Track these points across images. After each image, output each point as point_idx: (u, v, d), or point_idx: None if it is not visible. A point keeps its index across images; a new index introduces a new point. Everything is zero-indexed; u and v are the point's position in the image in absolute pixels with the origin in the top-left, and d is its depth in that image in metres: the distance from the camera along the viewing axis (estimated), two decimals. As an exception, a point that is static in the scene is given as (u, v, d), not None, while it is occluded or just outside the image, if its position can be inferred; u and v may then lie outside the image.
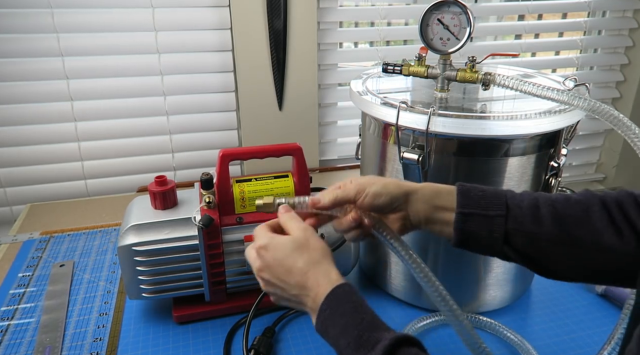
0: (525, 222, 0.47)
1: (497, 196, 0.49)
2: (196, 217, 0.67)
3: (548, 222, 0.47)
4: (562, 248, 0.47)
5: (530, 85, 0.63)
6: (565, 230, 0.46)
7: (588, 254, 0.46)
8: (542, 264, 0.49)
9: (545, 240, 0.47)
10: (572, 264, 0.48)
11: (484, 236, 0.49)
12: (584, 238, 0.46)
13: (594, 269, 0.47)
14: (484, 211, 0.48)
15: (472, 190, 0.50)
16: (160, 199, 0.71)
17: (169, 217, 0.69)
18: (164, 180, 0.71)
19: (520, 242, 0.48)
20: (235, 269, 0.72)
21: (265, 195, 0.57)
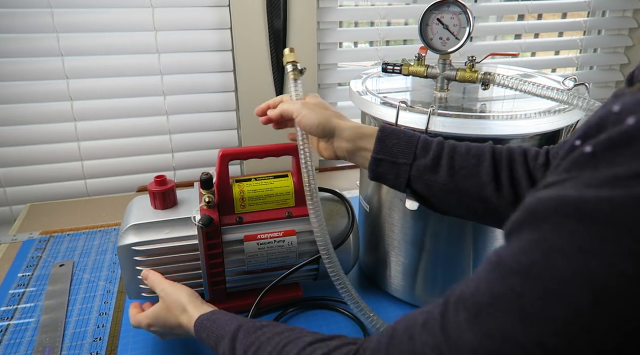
0: (426, 171, 0.56)
1: (410, 144, 0.57)
2: (196, 217, 0.67)
3: (444, 172, 0.55)
4: (452, 195, 0.55)
5: (530, 85, 0.63)
6: (455, 181, 0.55)
7: (472, 202, 0.55)
8: (435, 206, 0.58)
9: (438, 188, 0.56)
10: (459, 208, 0.57)
11: (392, 179, 0.58)
12: (469, 189, 0.54)
13: (477, 214, 0.56)
14: (394, 159, 0.57)
15: (389, 138, 0.58)
16: (160, 199, 0.70)
17: (168, 217, 0.69)
18: (164, 180, 0.70)
19: (420, 187, 0.57)
20: (235, 269, 0.71)
21: (288, 52, 0.67)
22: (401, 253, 0.76)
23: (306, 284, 0.82)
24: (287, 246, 0.71)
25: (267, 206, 0.70)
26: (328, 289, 0.81)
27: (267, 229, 0.70)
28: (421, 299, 0.77)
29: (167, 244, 0.67)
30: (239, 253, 0.70)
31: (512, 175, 0.53)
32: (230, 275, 0.71)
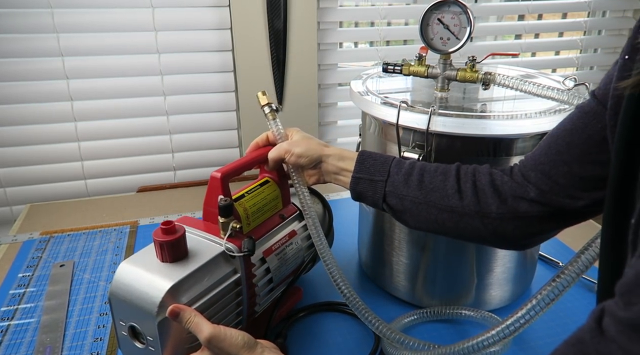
0: (398, 185, 0.61)
1: (384, 164, 0.62)
2: (230, 248, 0.59)
3: (414, 186, 0.60)
4: (421, 207, 0.60)
5: (530, 85, 0.63)
6: (423, 194, 0.59)
7: (439, 214, 0.59)
8: (408, 220, 0.62)
9: (409, 201, 0.60)
10: (428, 220, 0.60)
11: (370, 195, 0.63)
12: (437, 201, 0.59)
13: (444, 225, 0.59)
14: (371, 176, 0.62)
15: (367, 160, 0.63)
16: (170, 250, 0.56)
17: (191, 265, 0.56)
18: (173, 227, 0.56)
19: (394, 202, 0.61)
20: (265, 289, 0.66)
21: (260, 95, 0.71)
22: (401, 252, 0.76)
23: (307, 285, 0.82)
24: (295, 247, 0.71)
25: (264, 216, 0.69)
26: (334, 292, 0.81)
27: (274, 238, 0.68)
28: (421, 298, 0.77)
29: (213, 291, 0.57)
30: (263, 271, 0.65)
31: (474, 185, 0.58)
32: (260, 297, 0.66)
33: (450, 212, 0.58)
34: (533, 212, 0.54)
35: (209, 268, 0.57)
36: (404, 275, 0.78)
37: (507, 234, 0.57)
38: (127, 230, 1.01)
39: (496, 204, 0.56)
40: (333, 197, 1.15)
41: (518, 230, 0.56)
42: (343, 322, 0.75)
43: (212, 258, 0.58)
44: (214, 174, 0.62)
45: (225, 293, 0.58)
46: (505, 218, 0.56)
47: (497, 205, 0.56)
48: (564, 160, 0.51)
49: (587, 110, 0.50)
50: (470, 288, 0.75)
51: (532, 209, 0.54)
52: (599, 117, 0.48)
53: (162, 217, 1.06)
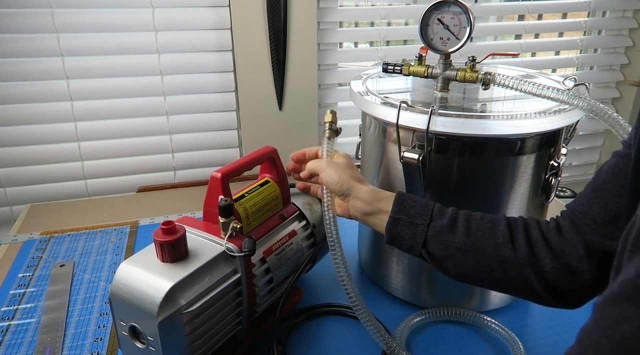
0: (442, 231, 0.57)
1: (426, 207, 0.59)
2: (231, 248, 0.59)
3: (461, 233, 0.57)
4: (468, 255, 0.56)
5: (529, 85, 0.63)
6: (472, 241, 0.56)
7: (489, 263, 0.56)
8: (450, 268, 0.58)
9: (455, 247, 0.57)
10: (475, 269, 0.57)
11: (408, 238, 0.59)
12: (487, 249, 0.56)
13: (493, 275, 0.56)
14: (411, 219, 0.59)
15: (406, 200, 0.60)
16: (170, 250, 0.56)
17: (191, 265, 0.56)
18: (174, 227, 0.56)
19: (436, 248, 0.57)
20: (265, 289, 0.66)
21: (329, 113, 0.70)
22: (402, 253, 0.76)
23: (308, 285, 0.82)
24: (295, 247, 0.71)
25: (264, 216, 0.70)
26: (332, 293, 0.81)
27: (275, 238, 0.69)
28: (422, 298, 0.78)
29: (213, 292, 0.57)
30: (263, 271, 0.66)
31: (527, 237, 0.55)
32: (260, 297, 0.66)
33: (501, 262, 0.55)
34: (583, 266, 0.53)
35: (209, 268, 0.57)
36: (404, 275, 0.78)
37: (560, 289, 0.55)
38: (127, 230, 1.01)
39: (549, 258, 0.54)
40: (333, 197, 1.15)
41: (572, 286, 0.54)
42: (345, 326, 0.75)
43: (213, 258, 0.57)
44: (214, 174, 0.62)
45: (225, 293, 0.58)
46: (558, 272, 0.54)
47: (550, 258, 0.54)
48: (600, 196, 0.52)
49: (619, 152, 0.51)
50: (470, 288, 0.75)
51: (582, 263, 0.53)
52: (628, 154, 0.49)
53: (162, 217, 1.06)
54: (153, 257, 0.57)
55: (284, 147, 1.27)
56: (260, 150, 0.70)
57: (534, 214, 0.73)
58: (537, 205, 0.72)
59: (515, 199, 0.69)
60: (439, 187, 0.68)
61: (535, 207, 0.72)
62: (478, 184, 0.67)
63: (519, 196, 0.69)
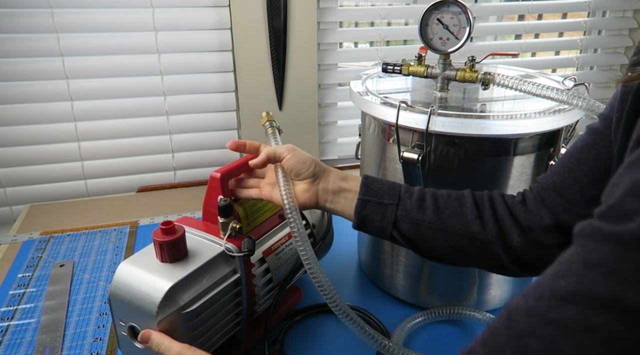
0: (412, 210, 0.57)
1: (393, 188, 0.59)
2: (230, 248, 0.59)
3: (430, 211, 0.57)
4: (438, 234, 0.56)
5: (529, 85, 0.63)
6: (441, 219, 0.56)
7: (459, 240, 0.56)
8: (421, 247, 0.59)
9: (425, 226, 0.57)
10: (446, 247, 0.57)
11: (378, 219, 0.58)
12: (456, 226, 0.56)
13: (463, 252, 0.57)
14: (380, 199, 0.58)
15: (373, 183, 0.59)
16: (170, 250, 0.56)
17: (191, 264, 0.56)
18: (173, 227, 0.56)
19: (406, 228, 0.57)
20: (264, 290, 0.66)
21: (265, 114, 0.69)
22: (401, 252, 0.76)
23: (307, 285, 0.82)
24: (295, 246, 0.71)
25: (264, 216, 0.69)
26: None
27: (274, 238, 0.69)
28: (422, 298, 0.77)
29: (212, 292, 0.56)
30: (263, 271, 0.65)
31: (494, 212, 0.56)
32: (260, 297, 0.66)
33: (471, 239, 0.56)
34: (551, 240, 0.53)
35: (209, 268, 0.57)
36: (403, 275, 0.78)
37: (529, 263, 0.55)
38: (127, 230, 1.01)
39: (517, 233, 0.54)
40: (333, 197, 1.15)
41: (539, 260, 0.54)
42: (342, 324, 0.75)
43: (212, 258, 0.57)
44: (214, 174, 0.62)
45: (224, 293, 0.58)
46: (526, 247, 0.54)
47: (517, 234, 0.54)
48: (575, 177, 0.51)
49: (595, 128, 0.51)
50: (469, 288, 0.75)
51: (550, 237, 0.53)
52: (606, 133, 0.48)
53: (162, 217, 1.06)
54: (152, 257, 0.56)
55: (283, 147, 1.28)
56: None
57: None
58: (536, 205, 0.72)
59: (515, 199, 0.69)
60: (438, 187, 0.68)
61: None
62: (478, 184, 0.67)
63: (518, 196, 0.69)
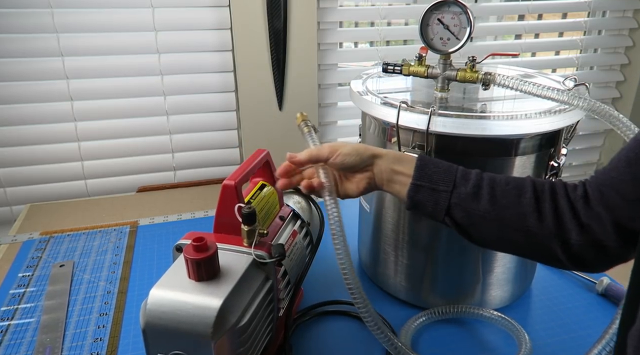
0: (466, 199, 0.55)
1: (449, 173, 0.57)
2: (262, 255, 0.58)
3: (485, 201, 0.54)
4: (492, 224, 0.54)
5: (530, 85, 0.63)
6: (496, 210, 0.54)
7: (513, 233, 0.54)
8: (473, 236, 0.57)
9: (479, 216, 0.55)
10: (499, 238, 0.55)
11: (430, 206, 0.57)
12: (511, 218, 0.54)
13: (517, 245, 0.55)
14: (433, 185, 0.56)
15: (428, 165, 0.57)
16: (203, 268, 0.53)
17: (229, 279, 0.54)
18: (205, 244, 0.53)
19: (459, 215, 0.56)
20: (284, 292, 0.65)
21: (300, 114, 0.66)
22: (401, 253, 0.76)
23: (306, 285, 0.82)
24: (300, 245, 0.71)
25: (269, 220, 0.69)
26: (331, 291, 0.81)
27: (281, 240, 0.68)
28: (422, 298, 0.77)
29: (255, 302, 0.55)
30: (282, 274, 0.65)
31: (554, 206, 0.53)
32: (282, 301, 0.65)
33: (526, 233, 0.53)
34: (611, 241, 0.50)
35: (247, 279, 0.56)
36: (403, 275, 0.78)
37: (586, 260, 0.53)
38: (127, 230, 1.01)
39: (576, 231, 0.51)
40: (333, 197, 1.15)
41: (597, 259, 0.52)
42: (348, 325, 0.75)
43: (247, 269, 0.56)
44: (227, 182, 0.60)
45: (263, 302, 0.57)
46: (584, 246, 0.52)
47: (576, 231, 0.51)
48: (633, 172, 0.47)
49: None
50: (470, 288, 0.75)
51: (610, 237, 0.50)
52: None
53: (162, 217, 1.06)
54: (184, 277, 0.54)
55: (283, 147, 1.27)
56: (256, 153, 0.69)
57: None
58: (537, 206, 0.72)
59: (515, 199, 0.69)
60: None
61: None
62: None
63: (519, 196, 0.69)
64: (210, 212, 1.08)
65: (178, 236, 0.61)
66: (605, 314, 0.76)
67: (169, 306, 0.51)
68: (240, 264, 0.56)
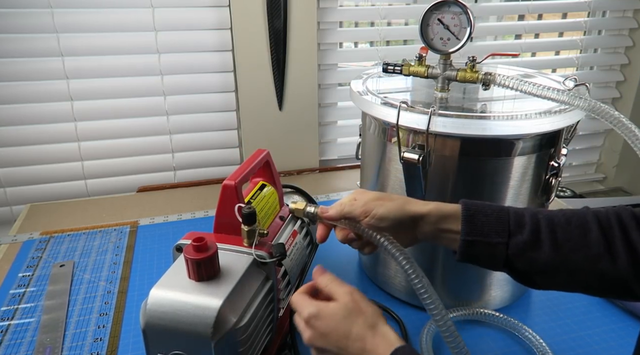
0: (525, 248, 0.50)
1: (501, 220, 0.51)
2: (262, 255, 0.57)
3: (547, 247, 0.49)
4: (559, 271, 0.49)
5: (530, 85, 0.63)
6: (561, 256, 0.49)
7: (585, 277, 0.49)
8: (540, 283, 0.52)
9: (543, 263, 0.49)
10: (571, 283, 0.51)
11: (485, 259, 0.51)
12: (580, 263, 0.48)
13: (592, 287, 0.50)
14: (487, 238, 0.50)
15: (476, 216, 0.51)
16: (204, 267, 0.53)
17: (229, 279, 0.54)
18: (205, 243, 0.53)
19: (521, 266, 0.50)
20: (284, 293, 0.65)
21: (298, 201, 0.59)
22: (401, 253, 0.76)
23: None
24: (300, 245, 0.71)
25: (269, 220, 0.69)
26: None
27: (281, 240, 0.67)
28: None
29: (255, 302, 0.55)
30: (282, 274, 0.64)
31: (627, 241, 0.47)
32: (282, 301, 0.65)
33: (599, 275, 0.48)
34: None
35: (247, 279, 0.56)
36: (403, 275, 0.77)
37: None
38: (127, 230, 1.01)
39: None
40: (333, 197, 1.15)
41: None
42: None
43: (247, 269, 0.56)
44: (227, 182, 0.60)
45: (263, 302, 0.57)
46: None
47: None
48: None
49: None
50: (469, 288, 0.75)
51: None
52: None
53: (162, 217, 1.06)
54: (184, 278, 0.54)
55: (284, 147, 1.28)
56: (256, 153, 0.69)
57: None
58: (537, 206, 0.72)
59: (515, 199, 0.69)
60: (438, 187, 0.68)
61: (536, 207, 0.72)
62: (478, 184, 0.67)
63: (519, 197, 0.69)
64: (211, 212, 1.08)
65: (178, 236, 0.61)
66: (605, 314, 0.76)
67: (169, 306, 0.51)
68: (241, 264, 0.56)
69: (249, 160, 0.67)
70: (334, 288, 0.51)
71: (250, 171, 0.65)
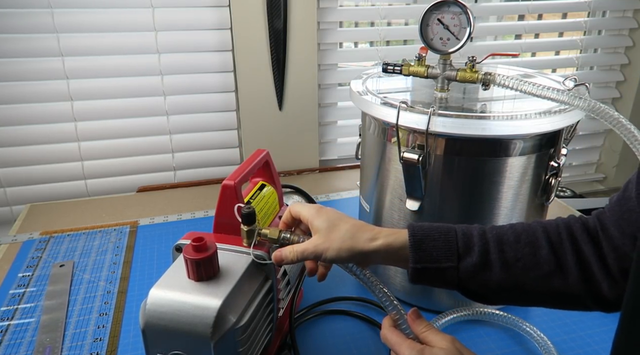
0: (476, 271, 0.49)
1: (449, 245, 0.50)
2: (261, 255, 0.57)
3: (497, 268, 0.49)
4: (513, 291, 0.49)
5: (530, 85, 0.63)
6: (514, 276, 0.48)
7: (538, 296, 0.50)
8: (494, 300, 0.52)
9: (495, 284, 0.49)
10: (527, 301, 0.52)
11: (438, 283, 0.51)
12: (532, 283, 0.48)
13: (545, 304, 0.51)
14: (436, 264, 0.50)
15: (424, 241, 0.51)
16: (204, 267, 0.53)
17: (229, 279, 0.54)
18: (205, 243, 0.53)
19: (474, 287, 0.50)
20: (283, 293, 0.65)
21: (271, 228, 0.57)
22: (401, 253, 0.76)
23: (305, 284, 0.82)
24: None
25: (269, 220, 0.69)
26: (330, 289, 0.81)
27: None
28: (421, 299, 0.77)
29: (254, 303, 0.55)
30: (282, 274, 0.64)
31: (578, 258, 0.47)
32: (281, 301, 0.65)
33: (552, 293, 0.48)
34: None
35: (247, 279, 0.56)
36: (403, 275, 0.78)
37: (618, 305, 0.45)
38: (127, 230, 1.01)
39: (607, 283, 0.46)
40: (333, 197, 1.15)
41: None
42: (350, 324, 0.75)
43: (246, 269, 0.56)
44: (227, 182, 0.60)
45: (263, 302, 0.57)
46: (618, 296, 0.45)
47: (608, 284, 0.46)
48: None
49: None
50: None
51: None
52: None
53: (162, 217, 1.06)
54: (184, 278, 0.53)
55: (283, 147, 1.28)
56: (256, 153, 0.69)
57: (534, 214, 0.73)
58: (537, 206, 0.72)
59: (515, 199, 0.69)
60: (438, 187, 0.68)
61: (535, 207, 0.72)
62: (478, 184, 0.67)
63: (519, 197, 0.69)
64: (210, 212, 1.08)
65: (178, 236, 0.60)
66: (605, 314, 0.76)
67: (169, 306, 0.51)
68: (240, 264, 0.56)
69: (249, 160, 0.67)
70: (431, 336, 0.47)
71: (249, 171, 0.65)
